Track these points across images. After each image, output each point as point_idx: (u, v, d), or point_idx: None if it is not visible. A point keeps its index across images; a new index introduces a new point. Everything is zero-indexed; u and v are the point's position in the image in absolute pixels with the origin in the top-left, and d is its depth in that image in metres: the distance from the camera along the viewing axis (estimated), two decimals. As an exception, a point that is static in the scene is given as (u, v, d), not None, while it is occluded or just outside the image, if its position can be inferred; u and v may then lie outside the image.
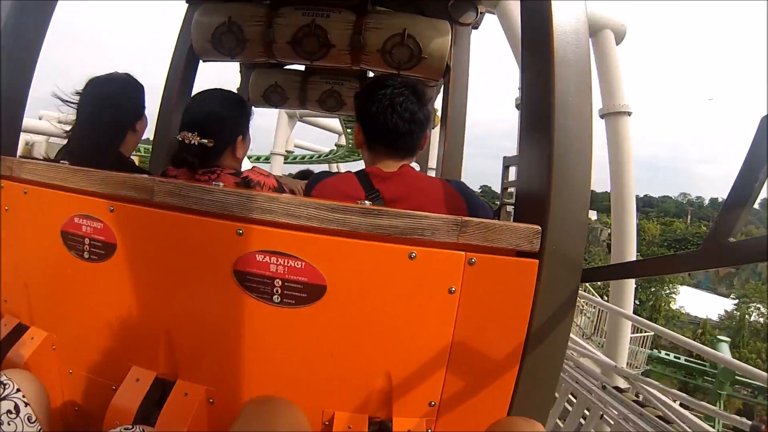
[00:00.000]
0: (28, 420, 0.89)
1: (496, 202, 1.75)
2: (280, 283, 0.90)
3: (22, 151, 1.29)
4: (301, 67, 2.72)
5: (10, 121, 1.22)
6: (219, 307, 0.95)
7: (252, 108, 1.51)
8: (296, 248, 0.89)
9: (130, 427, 0.82)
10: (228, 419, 0.93)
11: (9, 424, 0.85)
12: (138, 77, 1.50)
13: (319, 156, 21.91)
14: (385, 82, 1.28)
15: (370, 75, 2.59)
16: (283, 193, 1.20)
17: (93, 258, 1.03)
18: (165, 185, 0.97)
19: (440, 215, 0.88)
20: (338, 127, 16.92)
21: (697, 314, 27.80)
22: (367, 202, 0.91)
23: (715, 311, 27.05)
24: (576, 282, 0.94)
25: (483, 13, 2.19)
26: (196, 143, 1.26)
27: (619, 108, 8.91)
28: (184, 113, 1.35)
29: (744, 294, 27.18)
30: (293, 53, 1.95)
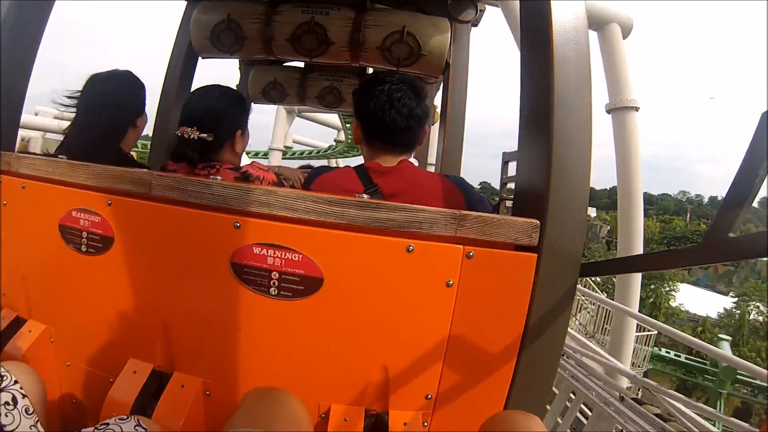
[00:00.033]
0: (26, 412, 0.89)
1: (495, 198, 1.75)
2: (277, 275, 0.90)
3: (18, 147, 1.29)
4: (301, 64, 2.71)
5: (9, 118, 1.22)
6: (216, 300, 0.95)
7: (251, 104, 1.51)
8: (293, 241, 0.89)
9: (125, 417, 0.82)
10: (224, 411, 0.93)
11: (6, 416, 0.85)
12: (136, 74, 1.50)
13: (318, 152, 21.84)
14: (383, 79, 1.28)
15: (369, 72, 2.59)
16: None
17: (91, 251, 1.04)
18: (163, 179, 0.97)
19: (438, 209, 0.88)
20: (337, 122, 16.80)
21: (696, 312, 27.79)
22: (365, 196, 0.91)
23: (714, 309, 27.01)
24: (574, 276, 0.94)
25: (482, 10, 2.19)
26: (196, 138, 1.27)
27: (626, 103, 8.69)
28: (183, 109, 1.35)
29: (743, 292, 27.12)
30: (292, 50, 1.95)
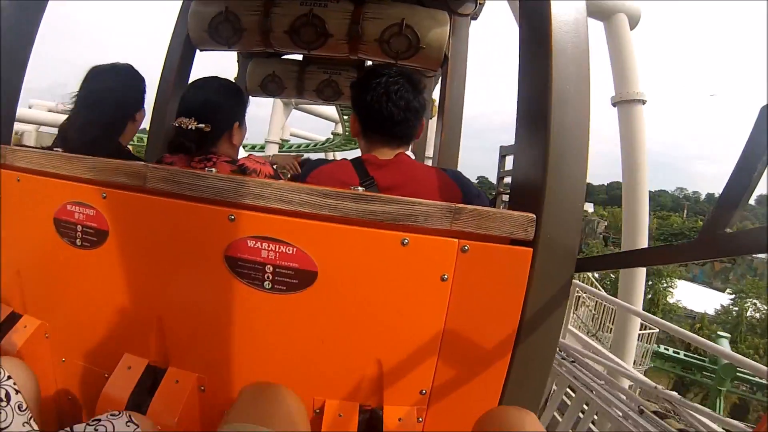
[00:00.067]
0: (19, 408, 0.88)
1: (492, 193, 1.74)
2: (271, 269, 0.89)
3: (12, 141, 1.29)
4: (299, 57, 2.70)
5: (5, 112, 1.21)
6: (210, 294, 0.95)
7: (248, 96, 1.51)
8: (288, 234, 0.88)
9: (116, 413, 0.81)
10: (219, 407, 0.93)
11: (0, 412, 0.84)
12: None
13: (315, 145, 21.72)
14: (381, 71, 1.27)
15: (368, 65, 2.58)
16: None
17: (85, 245, 1.03)
18: (158, 171, 0.96)
19: (433, 202, 0.87)
20: (335, 115, 16.68)
21: (693, 309, 27.87)
22: (360, 188, 0.91)
23: (711, 306, 27.10)
24: (570, 271, 0.93)
25: (482, 3, 2.17)
26: (193, 128, 1.27)
27: (632, 96, 8.49)
28: (181, 100, 1.35)
29: (741, 289, 27.18)
30: (291, 43, 1.93)
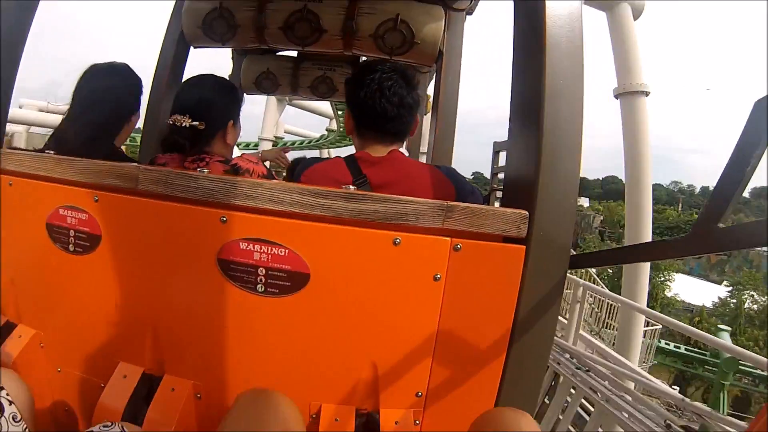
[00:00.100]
0: (13, 419, 0.87)
1: (487, 189, 1.74)
2: (263, 271, 0.89)
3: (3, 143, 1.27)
4: (294, 54, 2.68)
5: None
6: (203, 299, 0.94)
7: (243, 94, 1.50)
8: (279, 235, 0.87)
9: (109, 424, 0.80)
10: (215, 414, 0.93)
11: None
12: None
13: (310, 141, 21.57)
14: (374, 67, 1.26)
15: (362, 60, 2.56)
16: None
17: (78, 251, 1.01)
18: (150, 173, 0.95)
19: (425, 200, 0.86)
20: (329, 110, 16.51)
21: (691, 302, 27.93)
22: (352, 187, 0.90)
23: (708, 298, 27.16)
24: (564, 268, 0.92)
25: None
26: (188, 125, 1.27)
27: (635, 87, 8.33)
28: (175, 98, 1.34)
29: (738, 281, 27.23)
30: (285, 39, 1.92)
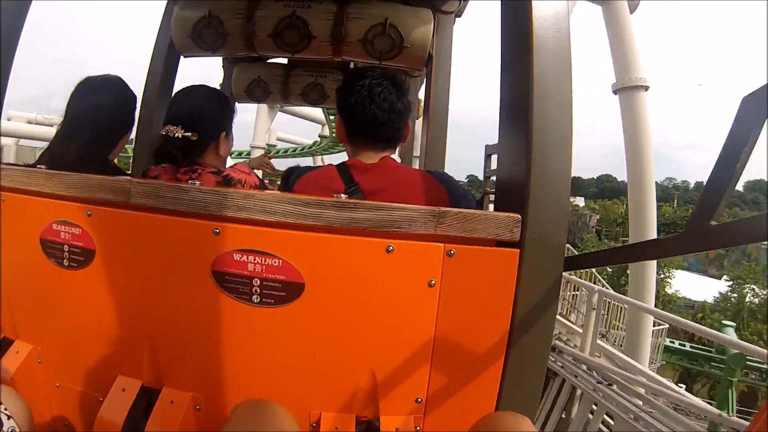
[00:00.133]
0: None
1: (481, 192, 1.74)
2: (258, 282, 0.88)
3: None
4: (284, 61, 2.69)
5: None
6: (199, 310, 0.93)
7: (235, 105, 1.49)
8: (273, 246, 0.87)
9: None
10: (215, 426, 0.92)
11: None
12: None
13: (303, 149, 21.47)
14: (364, 74, 1.26)
15: (353, 66, 2.56)
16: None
17: (72, 265, 1.00)
18: (141, 186, 0.94)
19: (416, 206, 0.86)
20: (321, 116, 16.44)
21: (692, 298, 27.92)
22: (344, 195, 0.89)
23: (709, 294, 27.14)
24: (559, 270, 0.92)
25: (466, 1, 2.17)
26: (180, 136, 1.26)
27: (634, 82, 8.31)
28: (168, 109, 1.34)
29: (738, 276, 27.21)
30: (274, 46, 1.92)
